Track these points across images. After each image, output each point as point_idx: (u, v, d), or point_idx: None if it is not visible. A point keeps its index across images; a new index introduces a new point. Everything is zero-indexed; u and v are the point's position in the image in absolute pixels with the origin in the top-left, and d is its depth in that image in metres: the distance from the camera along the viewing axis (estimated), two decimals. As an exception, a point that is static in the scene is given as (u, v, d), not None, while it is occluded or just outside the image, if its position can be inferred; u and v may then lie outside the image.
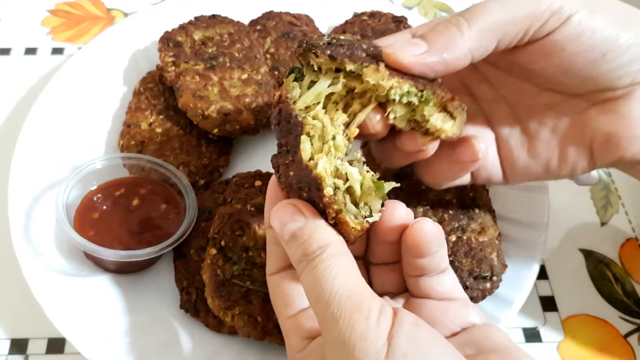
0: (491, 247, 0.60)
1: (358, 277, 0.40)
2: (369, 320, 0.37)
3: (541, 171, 0.54)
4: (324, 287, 0.39)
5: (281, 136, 0.45)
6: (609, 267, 0.70)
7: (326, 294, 0.39)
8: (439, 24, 0.47)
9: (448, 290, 0.46)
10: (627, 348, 0.64)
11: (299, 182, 0.43)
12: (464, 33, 0.45)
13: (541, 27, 0.46)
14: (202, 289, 0.59)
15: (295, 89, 0.44)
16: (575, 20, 0.46)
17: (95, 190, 0.64)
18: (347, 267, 0.41)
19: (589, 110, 0.51)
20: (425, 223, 0.44)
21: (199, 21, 0.80)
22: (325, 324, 0.39)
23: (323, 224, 0.42)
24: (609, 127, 0.50)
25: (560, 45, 0.46)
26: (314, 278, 0.40)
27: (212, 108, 0.69)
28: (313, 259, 0.41)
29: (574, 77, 0.49)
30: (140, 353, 0.57)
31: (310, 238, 0.41)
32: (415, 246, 0.44)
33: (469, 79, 0.56)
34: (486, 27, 0.45)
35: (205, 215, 0.66)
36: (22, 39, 0.91)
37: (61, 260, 0.62)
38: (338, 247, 0.42)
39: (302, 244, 0.42)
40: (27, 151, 0.69)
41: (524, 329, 0.65)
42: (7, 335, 0.62)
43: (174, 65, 0.73)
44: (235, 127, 0.70)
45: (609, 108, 0.49)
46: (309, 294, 0.41)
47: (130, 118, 0.73)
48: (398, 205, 0.45)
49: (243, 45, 0.78)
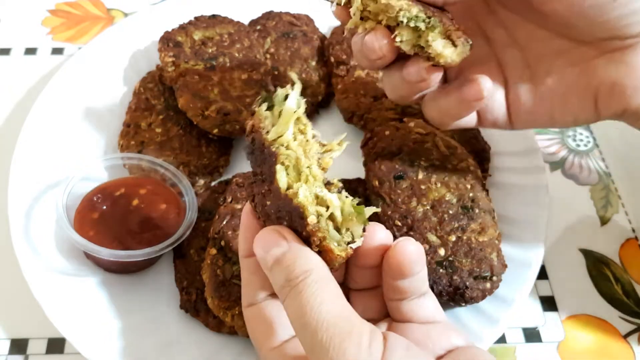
0: (491, 247, 0.60)
1: (345, 303, 0.40)
2: (360, 347, 0.37)
3: (546, 118, 0.55)
4: (310, 314, 0.38)
5: (255, 165, 0.44)
6: (609, 267, 0.70)
7: (313, 321, 0.38)
8: None
9: (430, 314, 0.46)
10: (627, 348, 0.64)
11: (277, 211, 0.42)
12: None
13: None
14: (202, 289, 0.59)
15: (268, 119, 0.44)
16: None
17: (95, 190, 0.64)
18: (332, 293, 0.40)
19: (597, 59, 0.50)
20: (407, 244, 0.44)
21: (199, 21, 0.80)
22: (313, 353, 0.38)
23: (307, 250, 0.42)
24: (615, 77, 0.49)
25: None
26: (300, 304, 0.39)
27: (212, 108, 0.69)
28: (297, 284, 0.40)
29: (584, 20, 0.48)
30: (140, 353, 0.57)
31: (294, 263, 0.41)
32: (398, 267, 0.43)
33: (485, 21, 0.56)
34: None
35: (205, 215, 0.66)
36: (22, 39, 0.91)
37: (61, 260, 0.62)
38: (323, 272, 0.41)
39: (285, 268, 0.41)
40: (27, 151, 0.69)
41: (524, 329, 0.65)
42: (7, 335, 0.62)
43: (174, 65, 0.73)
44: (235, 127, 0.69)
45: (617, 57, 0.49)
46: (294, 322, 0.40)
47: (130, 118, 0.73)
48: (377, 228, 0.45)
49: (243, 45, 0.78)
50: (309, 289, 0.39)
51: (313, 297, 0.39)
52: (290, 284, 0.40)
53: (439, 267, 0.58)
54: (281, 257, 0.41)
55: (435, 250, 0.59)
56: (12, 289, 0.64)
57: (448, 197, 0.62)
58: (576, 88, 0.52)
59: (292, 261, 0.41)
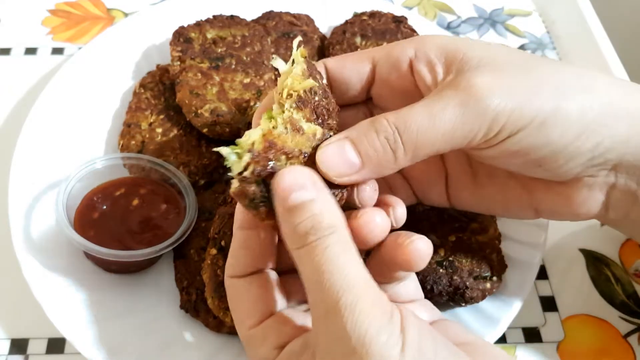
0: (491, 247, 0.60)
1: (366, 270, 0.38)
2: (385, 314, 0.36)
3: (487, 212, 0.57)
4: (338, 273, 0.36)
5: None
6: (609, 267, 0.70)
7: (340, 281, 0.35)
8: (378, 134, 0.43)
9: (412, 294, 0.47)
10: (627, 348, 0.64)
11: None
12: (398, 159, 0.43)
13: (479, 144, 0.44)
14: (202, 289, 0.59)
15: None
16: (519, 137, 0.44)
17: (95, 190, 0.64)
18: (357, 256, 0.38)
19: (537, 183, 0.51)
20: (420, 242, 0.43)
21: (216, 20, 0.79)
22: (328, 316, 0.36)
23: (336, 203, 0.40)
24: (554, 203, 0.51)
25: (499, 154, 0.46)
26: (324, 261, 0.36)
27: (206, 107, 0.69)
28: (326, 237, 0.37)
29: (517, 171, 0.50)
30: (140, 353, 0.57)
31: (322, 213, 0.38)
32: (407, 263, 0.43)
33: None
34: (422, 153, 0.43)
35: (205, 215, 0.66)
36: (22, 39, 0.91)
37: (61, 260, 0.62)
38: (348, 232, 0.39)
39: (312, 216, 0.38)
40: (27, 151, 0.69)
41: (524, 329, 0.65)
42: (7, 335, 0.62)
43: (179, 61, 0.73)
44: (225, 129, 0.69)
45: (555, 189, 0.50)
46: (311, 277, 0.37)
47: (130, 118, 0.73)
48: (375, 213, 0.44)
49: (253, 49, 0.77)
50: (335, 246, 0.37)
51: (339, 256, 0.37)
52: (315, 234, 0.37)
53: (439, 267, 0.58)
54: (309, 203, 0.38)
55: (435, 250, 0.59)
56: (12, 289, 0.64)
57: (448, 197, 0.62)
58: (516, 199, 0.53)
59: (321, 211, 0.38)
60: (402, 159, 0.43)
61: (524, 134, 0.44)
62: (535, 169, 0.48)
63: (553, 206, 0.51)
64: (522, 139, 0.44)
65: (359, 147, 0.43)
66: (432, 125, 0.42)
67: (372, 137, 0.43)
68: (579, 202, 0.50)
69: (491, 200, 0.55)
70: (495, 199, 0.54)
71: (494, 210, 0.56)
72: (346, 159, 0.43)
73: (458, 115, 0.42)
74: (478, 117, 0.42)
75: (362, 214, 0.44)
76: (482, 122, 0.43)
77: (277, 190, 0.39)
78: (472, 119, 0.42)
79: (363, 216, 0.43)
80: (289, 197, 0.39)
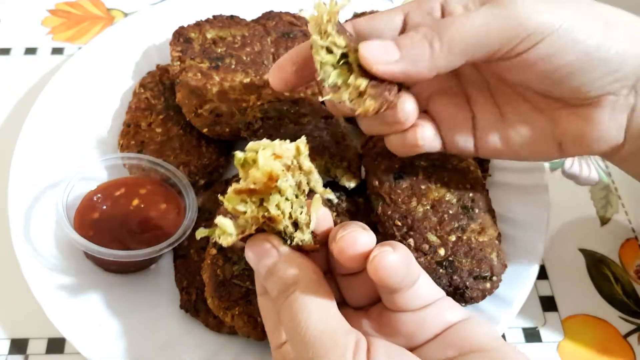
0: (491, 247, 0.60)
1: (332, 314, 0.41)
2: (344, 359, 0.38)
3: (512, 154, 0.57)
4: (298, 328, 0.40)
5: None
6: (609, 267, 0.70)
7: (300, 335, 0.39)
8: (418, 32, 0.48)
9: (425, 298, 0.45)
10: (627, 348, 0.64)
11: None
12: (434, 52, 0.47)
13: (512, 49, 0.47)
14: (202, 289, 0.59)
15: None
16: (549, 41, 0.46)
17: (95, 190, 0.64)
18: (320, 305, 0.40)
19: (561, 110, 0.52)
20: (382, 258, 0.40)
21: (216, 20, 0.80)
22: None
23: (295, 256, 0.43)
24: (577, 130, 0.52)
25: (529, 63, 0.48)
26: (290, 317, 0.41)
27: (206, 107, 0.69)
28: (288, 297, 0.41)
29: (544, 88, 0.51)
30: (140, 353, 0.57)
31: (285, 273, 0.42)
32: (380, 283, 0.42)
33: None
34: (457, 49, 0.47)
35: (205, 215, 0.66)
36: (22, 39, 0.91)
37: (61, 260, 0.62)
38: (312, 279, 0.42)
39: (277, 279, 0.42)
40: (27, 151, 0.69)
41: (524, 329, 0.65)
42: (7, 335, 0.62)
43: (179, 61, 0.74)
44: (225, 129, 0.69)
45: (579, 113, 0.51)
46: (286, 333, 0.42)
47: (130, 118, 0.73)
48: (358, 235, 0.42)
49: (253, 49, 0.77)
50: (297, 301, 0.41)
51: (301, 310, 0.40)
52: (283, 295, 0.42)
53: (439, 267, 0.58)
54: (272, 268, 0.43)
55: (435, 250, 0.59)
56: (12, 289, 0.64)
57: (448, 197, 0.62)
58: (541, 133, 0.54)
59: (283, 271, 0.42)
60: (437, 51, 0.47)
61: (555, 36, 0.46)
62: (560, 84, 0.49)
63: (577, 132, 0.52)
64: (554, 41, 0.46)
65: (399, 42, 0.48)
66: (468, 21, 0.47)
67: (411, 33, 0.48)
68: (603, 124, 0.50)
69: (517, 139, 0.55)
70: (521, 137, 0.54)
71: (519, 152, 0.56)
72: (386, 48, 0.47)
73: (493, 15, 0.46)
74: (511, 19, 0.46)
75: (339, 237, 0.43)
76: (516, 23, 0.46)
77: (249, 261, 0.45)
78: (506, 21, 0.46)
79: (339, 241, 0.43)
80: (257, 267, 0.44)
